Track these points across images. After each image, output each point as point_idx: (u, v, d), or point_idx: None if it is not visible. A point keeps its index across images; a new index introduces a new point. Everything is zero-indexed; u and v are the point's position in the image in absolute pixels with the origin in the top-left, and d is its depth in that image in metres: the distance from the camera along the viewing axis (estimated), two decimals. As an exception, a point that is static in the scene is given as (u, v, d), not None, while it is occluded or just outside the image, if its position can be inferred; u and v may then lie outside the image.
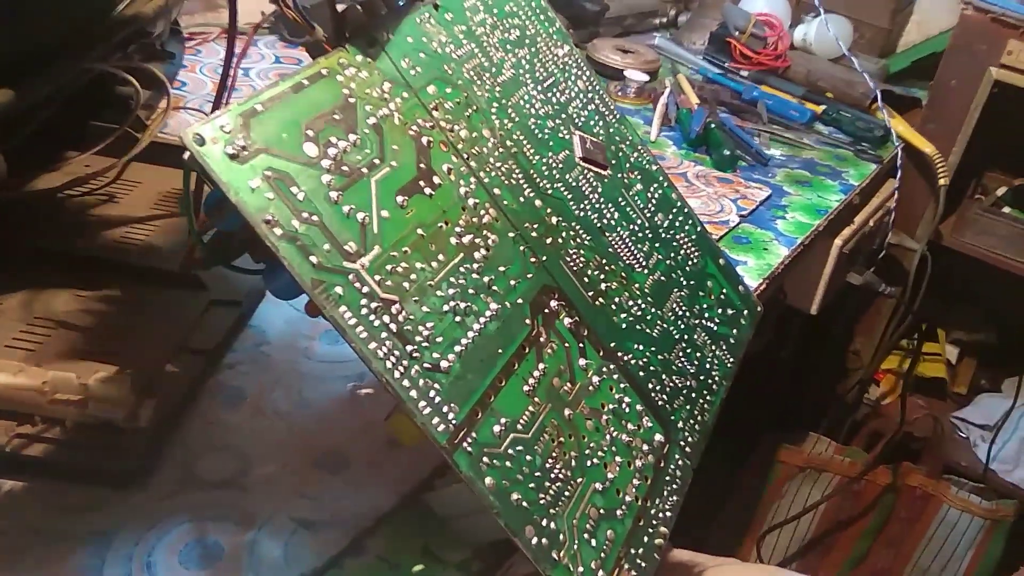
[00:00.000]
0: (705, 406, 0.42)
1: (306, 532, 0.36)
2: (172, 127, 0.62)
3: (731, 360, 0.46)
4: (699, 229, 0.48)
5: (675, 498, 0.37)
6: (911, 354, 1.21)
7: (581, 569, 0.31)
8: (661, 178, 0.47)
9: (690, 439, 0.40)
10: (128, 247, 0.47)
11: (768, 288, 0.63)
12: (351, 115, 0.31)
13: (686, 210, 0.48)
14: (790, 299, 0.85)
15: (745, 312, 0.49)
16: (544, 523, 0.31)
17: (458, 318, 0.31)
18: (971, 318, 1.27)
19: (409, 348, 0.29)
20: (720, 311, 0.47)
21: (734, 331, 0.47)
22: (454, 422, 0.29)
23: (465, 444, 0.29)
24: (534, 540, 0.30)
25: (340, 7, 0.32)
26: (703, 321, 0.45)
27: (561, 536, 0.31)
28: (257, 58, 0.79)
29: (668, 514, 0.36)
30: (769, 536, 1.12)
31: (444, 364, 0.30)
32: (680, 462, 0.39)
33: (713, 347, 0.45)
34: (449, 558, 0.36)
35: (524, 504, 0.30)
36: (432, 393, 0.29)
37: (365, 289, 0.28)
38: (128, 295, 0.44)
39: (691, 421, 0.40)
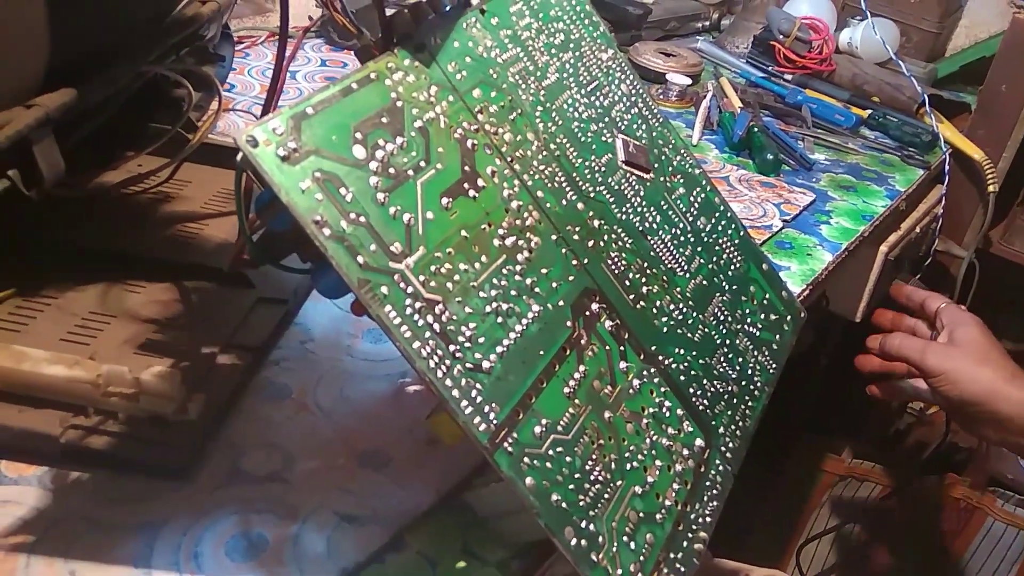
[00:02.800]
0: (746, 412, 0.42)
1: (348, 526, 0.37)
2: (221, 128, 0.63)
3: (773, 366, 0.45)
4: (742, 234, 0.48)
5: (715, 503, 0.37)
6: (957, 363, 1.19)
7: (620, 572, 0.31)
8: (704, 182, 0.47)
9: (731, 445, 0.40)
10: (179, 245, 0.49)
11: (811, 294, 0.63)
12: (398, 118, 0.31)
13: (729, 214, 0.48)
14: (833, 306, 0.84)
15: (788, 318, 0.48)
16: (583, 525, 0.31)
17: (500, 319, 0.32)
18: (1018, 327, 1.24)
19: (452, 348, 0.29)
20: (763, 316, 0.46)
21: (776, 337, 0.47)
22: (495, 422, 0.30)
23: (506, 444, 0.30)
24: (573, 541, 0.30)
25: (388, 12, 0.33)
26: (745, 326, 0.45)
27: (600, 538, 0.31)
28: (303, 61, 0.80)
29: (708, 519, 0.36)
30: (808, 546, 1.10)
31: (486, 364, 0.30)
32: (721, 468, 0.39)
33: (755, 352, 0.44)
34: (488, 556, 0.37)
35: (564, 505, 0.30)
36: (474, 393, 0.29)
37: (410, 289, 0.29)
38: (178, 292, 0.45)
39: (732, 426, 0.40)
